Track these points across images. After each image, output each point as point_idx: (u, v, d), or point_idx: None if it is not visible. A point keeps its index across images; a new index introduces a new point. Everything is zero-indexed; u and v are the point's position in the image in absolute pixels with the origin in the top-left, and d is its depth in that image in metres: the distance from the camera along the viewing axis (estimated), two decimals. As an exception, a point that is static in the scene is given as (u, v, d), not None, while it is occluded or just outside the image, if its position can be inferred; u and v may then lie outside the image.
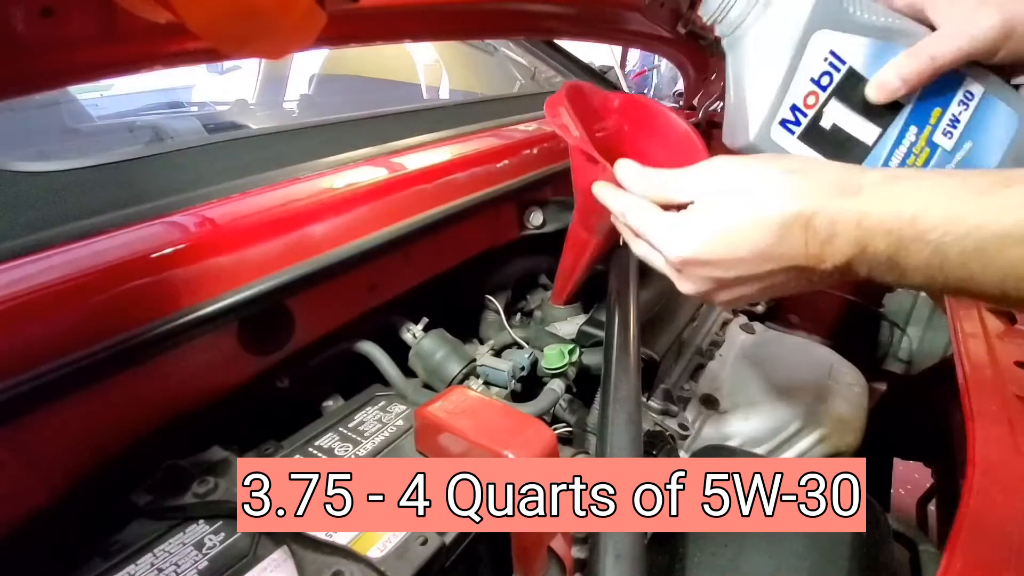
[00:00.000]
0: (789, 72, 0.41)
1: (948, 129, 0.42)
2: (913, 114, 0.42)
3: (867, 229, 0.32)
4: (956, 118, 0.42)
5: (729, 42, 0.45)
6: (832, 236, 0.33)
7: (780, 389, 0.78)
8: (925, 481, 0.76)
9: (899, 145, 0.42)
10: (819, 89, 0.42)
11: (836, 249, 0.33)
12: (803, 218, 0.34)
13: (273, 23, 0.27)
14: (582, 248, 0.65)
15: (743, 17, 0.42)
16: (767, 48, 0.42)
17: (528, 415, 0.44)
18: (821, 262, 0.34)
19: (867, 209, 0.32)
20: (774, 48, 0.42)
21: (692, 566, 0.47)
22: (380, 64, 2.02)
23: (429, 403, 0.45)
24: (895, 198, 0.32)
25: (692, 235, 0.38)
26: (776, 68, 0.41)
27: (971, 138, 0.42)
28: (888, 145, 0.42)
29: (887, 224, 0.32)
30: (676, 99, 1.54)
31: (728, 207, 0.36)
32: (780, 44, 0.41)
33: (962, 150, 0.42)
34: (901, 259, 0.32)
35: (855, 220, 0.32)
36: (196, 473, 0.43)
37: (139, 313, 0.40)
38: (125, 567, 0.37)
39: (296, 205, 0.54)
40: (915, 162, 0.42)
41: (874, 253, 0.32)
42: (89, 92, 1.51)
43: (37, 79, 0.35)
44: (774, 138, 0.43)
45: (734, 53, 0.45)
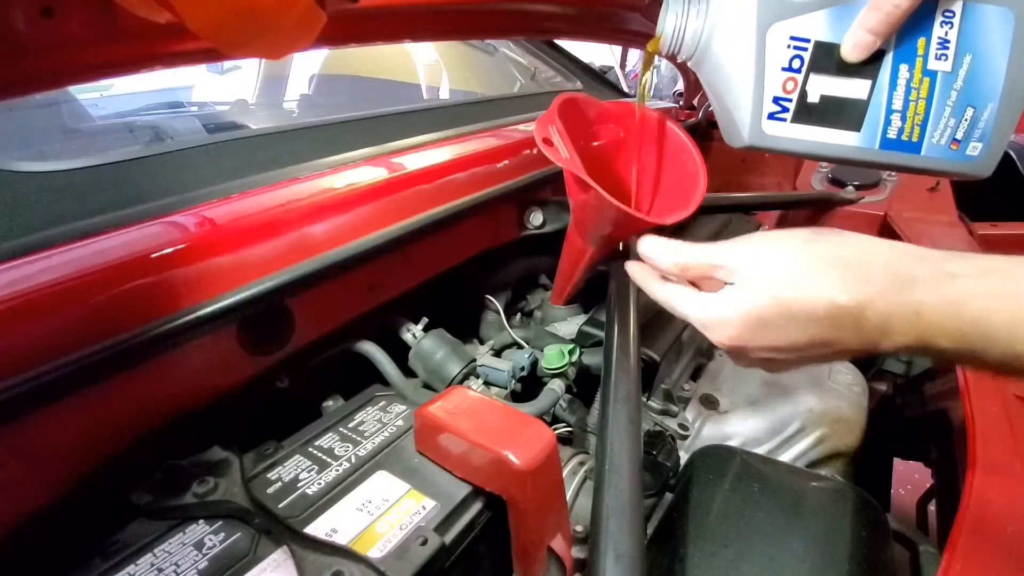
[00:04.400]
0: (759, 73, 0.41)
1: (940, 52, 0.40)
2: (897, 54, 0.41)
3: (926, 327, 0.32)
4: (944, 39, 0.40)
5: (695, 63, 0.45)
6: (887, 330, 0.33)
7: (780, 389, 0.78)
8: (925, 481, 0.76)
9: (895, 88, 0.41)
10: (794, 73, 0.41)
11: (893, 340, 0.33)
12: (855, 311, 0.33)
13: (273, 23, 0.27)
14: (579, 255, 0.66)
15: (697, 39, 0.43)
16: (730, 60, 0.43)
17: (528, 415, 0.44)
18: (877, 347, 0.34)
19: (924, 309, 0.32)
20: (736, 58, 0.42)
21: (692, 566, 0.46)
22: (380, 64, 2.02)
23: (429, 403, 0.45)
24: (954, 300, 0.31)
25: (742, 325, 0.37)
26: (745, 75, 0.42)
27: (968, 51, 0.40)
28: (884, 92, 0.41)
29: (949, 329, 0.31)
30: (676, 99, 1.54)
31: (777, 300, 0.35)
32: (740, 53, 0.42)
33: (963, 66, 0.41)
34: (971, 357, 0.32)
35: (912, 317, 0.32)
36: (196, 473, 0.43)
37: (139, 313, 0.40)
38: (125, 567, 0.37)
39: (296, 205, 0.54)
40: (918, 96, 0.41)
41: (939, 350, 0.32)
42: (89, 92, 1.50)
43: (37, 79, 0.35)
44: (768, 132, 0.43)
45: (702, 71, 0.45)
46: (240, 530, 0.40)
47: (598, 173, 0.53)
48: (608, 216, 0.56)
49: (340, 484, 0.44)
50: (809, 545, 0.47)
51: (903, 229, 1.02)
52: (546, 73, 1.64)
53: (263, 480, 0.44)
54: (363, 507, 0.41)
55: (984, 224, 1.10)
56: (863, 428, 0.78)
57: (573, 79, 1.44)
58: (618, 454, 0.41)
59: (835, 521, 0.49)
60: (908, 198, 1.15)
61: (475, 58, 2.02)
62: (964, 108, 0.41)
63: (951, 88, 0.41)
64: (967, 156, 0.42)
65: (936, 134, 0.42)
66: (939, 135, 0.42)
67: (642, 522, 0.38)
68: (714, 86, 0.45)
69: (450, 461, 0.44)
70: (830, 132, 0.42)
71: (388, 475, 0.44)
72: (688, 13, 0.43)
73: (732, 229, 1.05)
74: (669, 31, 0.44)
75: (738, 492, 0.52)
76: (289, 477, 0.45)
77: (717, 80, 0.44)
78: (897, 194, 1.17)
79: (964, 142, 0.42)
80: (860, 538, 0.48)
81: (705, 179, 0.57)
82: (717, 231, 1.02)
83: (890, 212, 1.11)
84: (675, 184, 0.60)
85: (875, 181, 1.21)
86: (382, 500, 0.42)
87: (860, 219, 1.15)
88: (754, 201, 1.14)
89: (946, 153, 0.42)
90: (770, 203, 1.21)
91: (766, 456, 0.65)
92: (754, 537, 0.48)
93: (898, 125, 0.42)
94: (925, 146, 0.42)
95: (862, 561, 0.46)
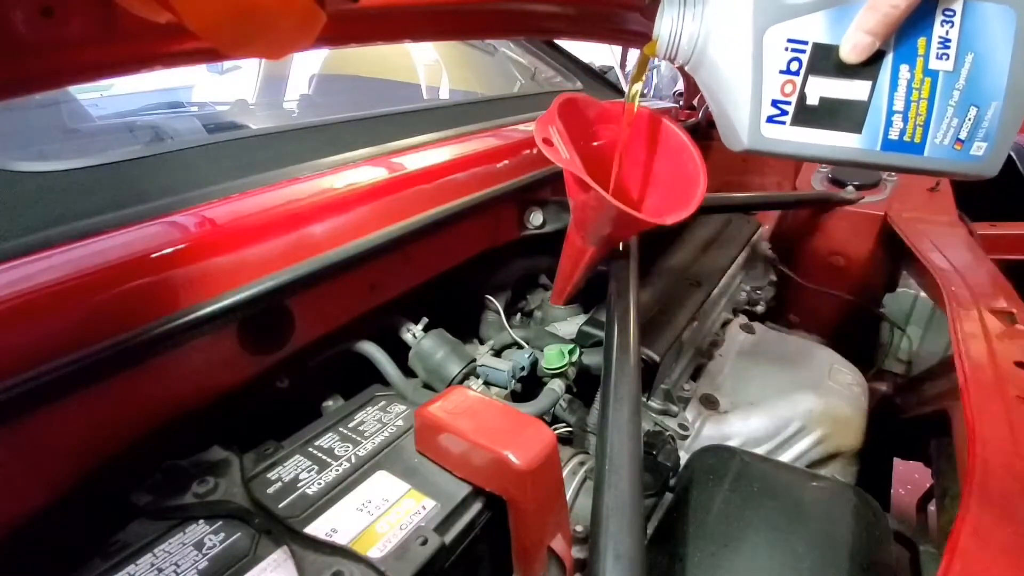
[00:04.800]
0: (756, 77, 0.41)
1: (941, 52, 0.40)
2: (898, 55, 0.40)
3: None
4: (945, 39, 0.40)
5: (692, 67, 0.45)
6: None
7: (780, 389, 0.78)
8: (925, 481, 0.76)
9: (896, 88, 0.41)
10: (792, 75, 0.41)
11: None
12: None
13: (273, 23, 0.27)
14: (579, 255, 0.66)
15: (693, 43, 0.43)
16: (727, 64, 0.42)
17: (528, 415, 0.44)
18: None
19: None
20: (733, 62, 0.42)
21: (692, 566, 0.47)
22: (380, 64, 2.02)
23: (429, 403, 0.45)
24: None
25: None
26: (742, 79, 0.42)
27: (970, 49, 0.40)
28: (884, 93, 0.41)
29: None
30: (676, 99, 1.54)
31: None
32: (737, 56, 0.41)
33: (965, 65, 0.40)
34: None
35: None
36: (196, 473, 0.43)
37: (139, 313, 0.40)
38: (125, 567, 0.37)
39: (296, 205, 0.54)
40: (919, 96, 0.41)
41: None
42: (89, 92, 1.50)
43: (37, 79, 0.35)
44: (767, 135, 0.43)
45: (699, 75, 0.45)
46: (240, 530, 0.40)
47: (598, 173, 0.54)
48: (608, 216, 0.56)
49: (340, 484, 0.44)
50: (809, 545, 0.47)
51: (903, 229, 1.02)
52: (546, 73, 1.64)
53: (263, 480, 0.44)
54: (363, 507, 0.41)
55: (984, 224, 1.10)
56: (863, 428, 0.78)
57: (573, 79, 1.44)
58: (618, 454, 0.41)
59: (835, 521, 0.49)
60: (908, 198, 1.15)
61: (475, 58, 2.02)
62: (967, 107, 0.41)
63: (953, 88, 0.41)
64: (972, 156, 0.42)
65: (939, 135, 0.41)
66: (942, 135, 0.41)
67: (642, 522, 0.38)
68: (712, 90, 0.45)
69: (450, 461, 0.44)
70: (830, 134, 0.42)
71: (388, 475, 0.45)
72: (684, 17, 0.43)
73: (732, 229, 1.05)
74: (665, 35, 0.44)
75: (738, 492, 0.52)
76: (289, 477, 0.45)
77: (715, 84, 0.44)
78: (897, 194, 1.17)
79: (968, 142, 0.41)
80: (860, 538, 0.48)
81: (705, 179, 0.57)
82: (717, 231, 1.02)
83: (890, 212, 1.11)
84: (675, 184, 0.60)
85: (875, 181, 1.21)
86: (382, 500, 0.42)
87: (860, 219, 1.15)
88: (754, 201, 1.14)
89: (950, 153, 0.42)
90: (770, 203, 1.21)
91: (766, 456, 0.65)
92: (754, 537, 0.48)
93: (900, 126, 0.41)
94: (928, 147, 0.42)
95: (862, 561, 0.46)
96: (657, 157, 0.61)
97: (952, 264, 0.83)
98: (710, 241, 0.98)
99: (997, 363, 0.58)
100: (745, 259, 1.02)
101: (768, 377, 0.81)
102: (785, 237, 1.29)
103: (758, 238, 1.10)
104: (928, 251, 0.89)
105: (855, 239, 1.17)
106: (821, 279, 1.21)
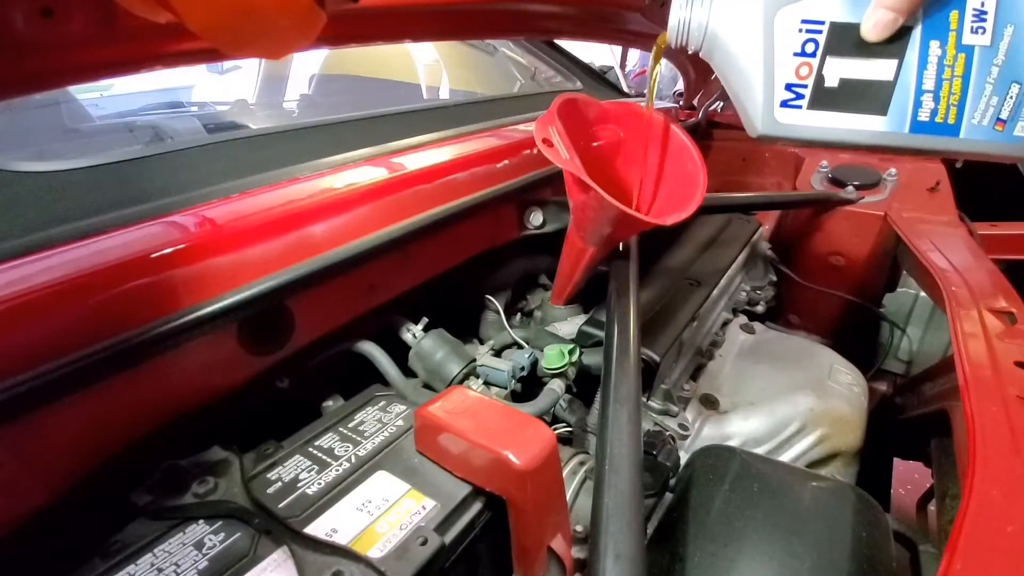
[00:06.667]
0: (768, 60, 0.40)
1: (977, 25, 0.37)
2: (926, 30, 0.38)
3: None
4: (981, 11, 0.37)
5: (705, 53, 0.44)
6: None
7: (780, 389, 0.78)
8: (925, 481, 0.76)
9: (925, 67, 0.38)
10: (808, 57, 0.40)
11: None
12: None
13: (273, 23, 0.27)
14: (579, 255, 0.66)
15: (703, 28, 0.42)
16: (738, 48, 0.41)
17: (528, 415, 0.44)
18: None
19: None
20: (744, 46, 0.41)
21: (692, 566, 0.47)
22: (380, 64, 2.02)
23: (429, 403, 0.45)
24: None
25: None
26: (754, 63, 0.41)
27: (1009, 21, 0.36)
28: (912, 72, 0.39)
29: None
30: (676, 99, 1.54)
31: None
32: (748, 41, 0.41)
33: (1004, 38, 0.37)
34: None
35: None
36: (196, 473, 0.43)
37: (139, 313, 0.40)
38: (125, 567, 0.37)
39: (296, 205, 0.54)
40: (952, 74, 0.38)
41: None
42: (89, 92, 1.51)
43: (37, 79, 0.35)
44: (782, 120, 0.42)
45: (714, 60, 0.44)
46: (240, 530, 0.40)
47: (598, 173, 0.54)
48: (608, 216, 0.56)
49: (340, 484, 0.44)
50: (809, 545, 0.47)
51: (903, 229, 1.02)
52: (546, 73, 1.64)
53: (263, 480, 0.44)
54: (363, 507, 0.41)
55: (984, 224, 1.10)
56: (863, 428, 0.78)
57: (573, 79, 1.44)
58: (618, 454, 0.41)
59: (835, 521, 0.49)
60: (908, 198, 1.15)
61: (475, 58, 2.02)
62: (1008, 84, 0.37)
63: (991, 63, 0.37)
64: (1015, 137, 0.39)
65: (977, 114, 0.38)
66: (980, 115, 0.38)
67: (642, 522, 0.38)
68: (725, 75, 0.44)
69: (450, 461, 0.44)
70: (852, 117, 0.40)
71: (388, 475, 0.44)
72: (692, 2, 0.42)
73: (732, 229, 1.05)
74: (675, 22, 0.43)
75: (738, 492, 0.52)
76: (289, 477, 0.45)
77: (728, 70, 0.43)
78: (897, 194, 1.17)
79: (1011, 122, 0.38)
80: (860, 538, 0.48)
81: (705, 179, 0.57)
82: (717, 231, 1.02)
83: (890, 212, 1.11)
84: (675, 184, 0.60)
85: (875, 181, 1.21)
86: (382, 500, 0.42)
87: (860, 219, 1.15)
88: (754, 201, 1.14)
89: (990, 135, 0.39)
90: (770, 203, 1.21)
91: (766, 456, 0.65)
92: (754, 537, 0.48)
93: (931, 106, 0.39)
94: (964, 128, 0.39)
95: (862, 561, 0.46)
96: (657, 157, 0.61)
97: (952, 264, 0.83)
98: (710, 241, 0.98)
99: (997, 363, 0.58)
100: (745, 259, 1.02)
101: (768, 377, 0.81)
102: (785, 237, 1.29)
103: (758, 238, 1.10)
104: (928, 251, 0.89)
105: (855, 239, 1.17)
106: (821, 279, 1.21)
